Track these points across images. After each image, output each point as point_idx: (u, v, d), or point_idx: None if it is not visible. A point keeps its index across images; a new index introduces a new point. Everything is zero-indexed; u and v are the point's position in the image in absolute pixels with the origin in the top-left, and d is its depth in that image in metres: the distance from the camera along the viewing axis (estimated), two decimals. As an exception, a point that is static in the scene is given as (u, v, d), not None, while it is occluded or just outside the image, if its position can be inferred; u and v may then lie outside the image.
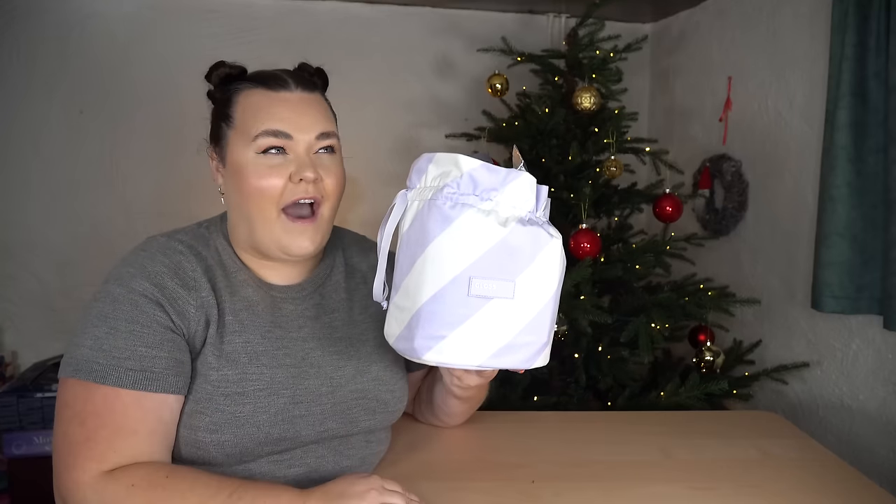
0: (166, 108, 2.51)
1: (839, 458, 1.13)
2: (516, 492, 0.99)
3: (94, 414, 0.80)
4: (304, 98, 0.92)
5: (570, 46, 2.09)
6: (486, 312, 0.77)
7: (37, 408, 1.97)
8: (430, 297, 0.76)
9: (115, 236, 2.49)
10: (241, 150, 0.90)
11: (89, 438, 0.79)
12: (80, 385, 0.81)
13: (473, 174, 0.78)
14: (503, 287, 0.77)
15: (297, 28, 2.57)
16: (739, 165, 2.25)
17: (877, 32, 1.62)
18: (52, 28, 2.43)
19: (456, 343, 0.77)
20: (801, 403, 1.99)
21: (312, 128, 0.91)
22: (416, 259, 0.78)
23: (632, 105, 2.22)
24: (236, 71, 0.95)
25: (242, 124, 0.90)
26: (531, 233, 0.79)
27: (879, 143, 1.64)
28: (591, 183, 1.91)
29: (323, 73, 1.00)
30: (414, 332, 0.78)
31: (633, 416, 1.35)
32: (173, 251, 0.89)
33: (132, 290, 0.84)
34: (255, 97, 0.91)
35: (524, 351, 0.80)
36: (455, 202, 0.77)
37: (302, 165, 0.88)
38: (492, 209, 0.78)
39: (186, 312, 0.86)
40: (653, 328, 1.81)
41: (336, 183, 0.93)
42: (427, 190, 0.81)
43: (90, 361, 0.81)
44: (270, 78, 0.93)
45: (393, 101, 2.66)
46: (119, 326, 0.83)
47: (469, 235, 0.76)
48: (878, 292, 1.67)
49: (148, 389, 0.81)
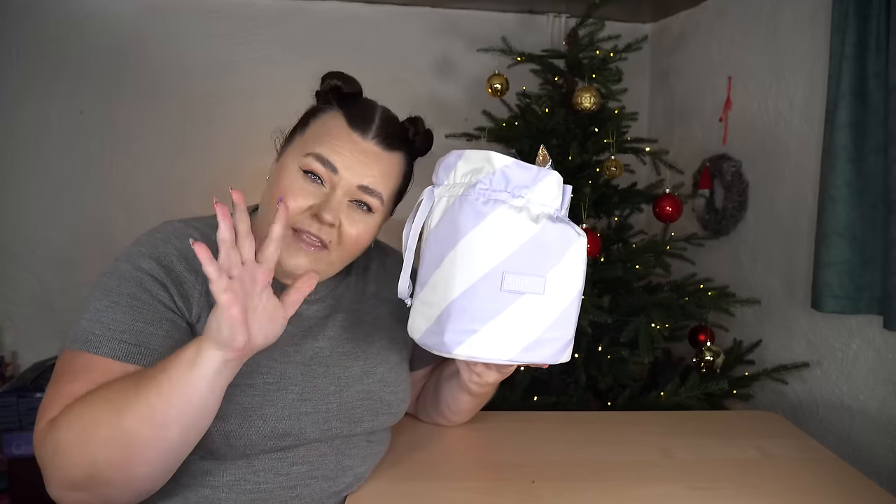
0: (166, 108, 2.51)
1: (839, 458, 1.13)
2: (516, 492, 0.99)
3: (71, 372, 0.79)
4: (374, 152, 0.90)
5: (570, 46, 2.09)
6: (517, 307, 0.77)
7: (37, 408, 1.97)
8: (461, 291, 0.77)
9: (115, 236, 2.49)
10: (292, 158, 0.90)
11: (57, 392, 0.78)
12: (72, 353, 0.80)
13: (506, 171, 0.78)
14: (535, 283, 0.77)
15: (297, 28, 2.58)
16: (739, 165, 2.25)
17: (877, 32, 1.62)
18: (52, 28, 2.43)
19: (487, 337, 0.77)
20: (801, 403, 1.99)
21: (362, 178, 0.89)
22: (445, 254, 0.78)
23: (632, 105, 2.22)
24: (346, 89, 0.93)
25: (309, 137, 0.90)
26: (561, 230, 0.80)
27: (879, 143, 1.64)
28: (591, 183, 1.91)
29: (427, 134, 0.99)
30: (444, 326, 0.78)
31: (633, 416, 1.35)
32: (187, 237, 0.89)
33: (139, 268, 0.84)
34: (335, 122, 0.90)
35: (552, 346, 0.81)
36: (487, 198, 0.78)
37: (329, 206, 0.87)
38: (523, 206, 0.78)
39: (191, 296, 0.86)
40: (653, 328, 1.81)
41: (356, 238, 0.90)
42: (457, 186, 0.81)
43: (86, 332, 0.80)
44: (359, 116, 0.91)
45: (393, 101, 2.63)
46: (121, 301, 0.82)
47: (502, 231, 0.77)
48: (878, 292, 1.67)
49: (139, 364, 0.80)
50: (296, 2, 2.59)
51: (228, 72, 2.51)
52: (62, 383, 0.78)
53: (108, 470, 0.72)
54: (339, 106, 0.93)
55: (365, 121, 0.91)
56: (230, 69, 2.51)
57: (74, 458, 0.72)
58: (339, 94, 0.93)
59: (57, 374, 0.80)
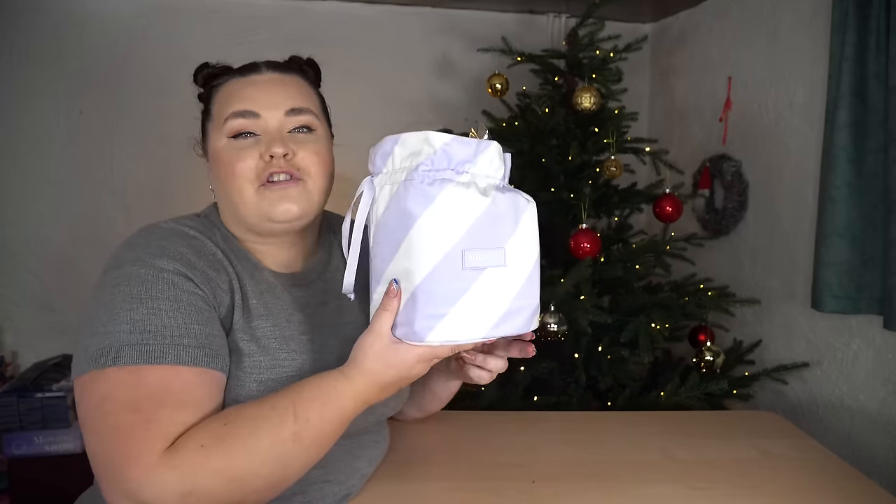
0: (167, 108, 2.51)
1: (839, 458, 1.13)
2: (516, 492, 0.99)
3: (148, 396, 0.72)
4: (274, 78, 0.91)
5: (570, 46, 2.09)
6: (481, 283, 0.76)
7: (37, 408, 1.97)
8: (423, 277, 0.75)
9: (115, 236, 2.47)
10: (216, 138, 0.89)
11: (148, 420, 0.70)
12: (125, 372, 0.73)
13: (446, 149, 0.76)
14: (495, 255, 0.77)
15: (297, 28, 2.57)
16: (739, 165, 2.25)
17: (877, 32, 1.62)
18: (52, 28, 2.42)
19: (457, 319, 0.76)
20: (801, 403, 1.99)
21: (282, 104, 0.88)
22: (400, 242, 0.76)
23: (632, 105, 2.22)
24: (219, 69, 0.94)
25: (217, 113, 0.90)
26: (510, 199, 0.79)
27: (879, 143, 1.64)
28: (591, 183, 1.91)
29: (310, 61, 0.99)
30: (412, 315, 0.76)
31: (633, 416, 1.35)
32: (185, 235, 0.86)
33: (161, 269, 0.79)
34: (228, 87, 0.91)
35: (521, 315, 0.80)
36: (433, 179, 0.76)
37: (271, 142, 0.86)
38: (470, 181, 0.77)
39: (218, 293, 0.83)
40: (653, 328, 1.81)
41: (317, 161, 0.89)
42: (398, 172, 0.78)
43: (135, 345, 0.74)
44: (244, 67, 0.93)
45: (393, 101, 2.66)
46: (161, 306, 0.76)
47: (454, 210, 0.75)
48: (878, 292, 1.67)
49: (209, 366, 0.77)
50: (296, 2, 2.59)
51: (228, 72, 2.51)
52: (146, 410, 0.71)
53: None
54: (223, 77, 0.93)
55: (251, 66, 0.92)
56: (230, 69, 2.50)
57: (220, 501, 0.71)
58: (214, 74, 0.94)
59: (122, 400, 0.72)
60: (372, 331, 0.79)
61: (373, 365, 0.78)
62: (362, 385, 0.79)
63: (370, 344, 0.79)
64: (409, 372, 0.79)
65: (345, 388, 0.78)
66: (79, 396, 0.76)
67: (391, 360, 0.78)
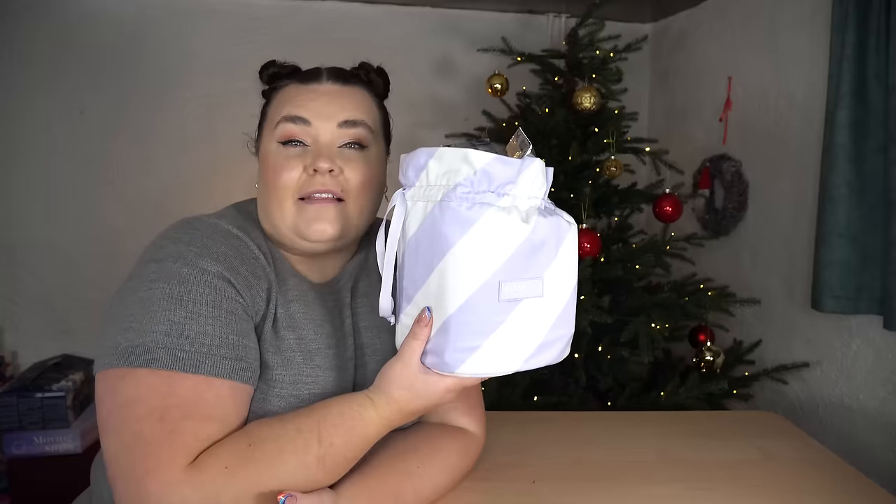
0: (167, 107, 2.51)
1: (839, 458, 1.13)
2: (516, 492, 0.99)
3: (178, 406, 0.70)
4: (334, 89, 0.87)
5: (570, 46, 2.09)
6: (517, 315, 0.72)
7: (37, 408, 1.97)
8: (457, 307, 0.70)
9: (115, 236, 2.49)
10: (268, 140, 0.87)
11: (173, 431, 0.68)
12: (157, 376, 0.70)
13: (488, 169, 0.70)
14: (533, 286, 0.72)
15: (297, 28, 2.58)
16: (739, 165, 2.25)
17: (877, 32, 1.62)
18: (52, 28, 2.43)
19: (491, 352, 0.72)
20: (801, 403, 1.99)
21: (336, 115, 0.85)
22: (433, 268, 0.71)
23: (632, 105, 2.22)
24: (286, 70, 0.91)
25: (272, 115, 0.88)
26: (552, 224, 0.73)
27: (879, 143, 1.64)
28: (591, 183, 1.91)
29: (380, 70, 0.94)
30: (443, 345, 0.72)
31: (633, 416, 1.35)
32: (229, 234, 0.81)
33: (205, 270, 0.76)
34: (289, 91, 0.88)
35: (556, 346, 0.77)
36: (472, 202, 0.70)
37: (318, 155, 0.82)
38: (511, 204, 0.71)
39: (256, 301, 0.80)
40: (653, 328, 1.81)
41: (361, 181, 0.84)
42: (432, 189, 0.73)
43: (172, 349, 0.71)
44: (307, 73, 0.89)
45: (393, 101, 2.64)
46: (201, 311, 0.74)
47: (494, 237, 0.69)
48: (878, 292, 1.67)
49: (243, 380, 0.75)
50: (296, 2, 2.59)
51: (229, 71, 2.52)
52: (173, 420, 0.69)
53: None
54: (286, 79, 0.90)
55: (314, 73, 0.89)
56: (230, 69, 2.51)
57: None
58: (280, 75, 0.91)
59: (150, 405, 0.69)
60: (400, 359, 0.76)
61: (400, 394, 0.77)
62: (387, 413, 0.78)
63: (398, 373, 0.77)
64: (437, 401, 0.78)
65: (370, 414, 0.77)
66: (102, 392, 0.72)
67: (419, 390, 0.77)
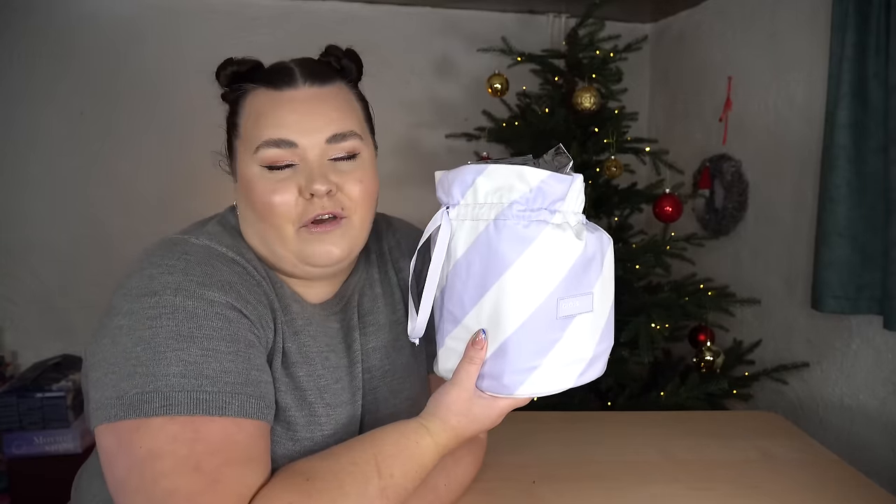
0: (166, 108, 2.51)
1: (839, 458, 1.13)
2: (516, 492, 0.99)
3: (211, 453, 0.63)
4: (313, 94, 0.78)
5: (570, 46, 2.09)
6: (571, 332, 0.71)
7: (37, 408, 1.97)
8: (516, 328, 0.69)
9: (115, 236, 2.49)
10: (247, 163, 0.77)
11: (216, 481, 0.62)
12: (178, 423, 0.63)
13: (543, 186, 0.69)
14: (585, 301, 0.72)
15: (297, 28, 2.57)
16: (739, 165, 2.25)
17: (877, 32, 1.62)
18: (52, 28, 2.43)
19: (549, 371, 0.72)
20: (801, 403, 1.99)
21: (323, 129, 0.76)
22: (487, 288, 0.70)
23: (632, 105, 2.22)
24: (245, 67, 0.80)
25: (247, 133, 0.78)
26: (598, 238, 0.74)
27: (879, 143, 1.64)
28: (591, 183, 1.91)
29: (350, 53, 0.84)
30: (501, 368, 0.71)
31: (633, 416, 1.35)
32: (225, 258, 0.75)
33: (212, 301, 0.69)
34: (259, 100, 0.78)
35: (602, 360, 0.77)
36: (529, 220, 0.69)
37: (311, 177, 0.75)
38: (563, 221, 0.71)
39: (267, 332, 0.74)
40: (653, 328, 1.81)
41: (361, 192, 0.78)
42: (483, 207, 0.71)
43: (191, 391, 0.64)
44: (276, 74, 0.79)
45: (393, 102, 2.66)
46: (217, 347, 0.67)
47: (551, 255, 0.69)
48: (878, 292, 1.67)
49: (267, 419, 0.70)
50: (296, 2, 2.59)
51: (228, 72, 2.51)
52: (210, 469, 0.62)
53: None
54: (252, 82, 0.79)
55: (285, 73, 0.78)
56: (230, 69, 2.50)
57: None
58: (241, 76, 0.80)
59: (178, 456, 0.62)
60: (456, 384, 0.74)
61: (457, 421, 0.75)
62: (443, 439, 0.75)
63: (454, 399, 0.74)
64: (491, 424, 0.77)
65: (427, 442, 0.74)
66: (111, 448, 0.64)
67: (476, 415, 0.75)
